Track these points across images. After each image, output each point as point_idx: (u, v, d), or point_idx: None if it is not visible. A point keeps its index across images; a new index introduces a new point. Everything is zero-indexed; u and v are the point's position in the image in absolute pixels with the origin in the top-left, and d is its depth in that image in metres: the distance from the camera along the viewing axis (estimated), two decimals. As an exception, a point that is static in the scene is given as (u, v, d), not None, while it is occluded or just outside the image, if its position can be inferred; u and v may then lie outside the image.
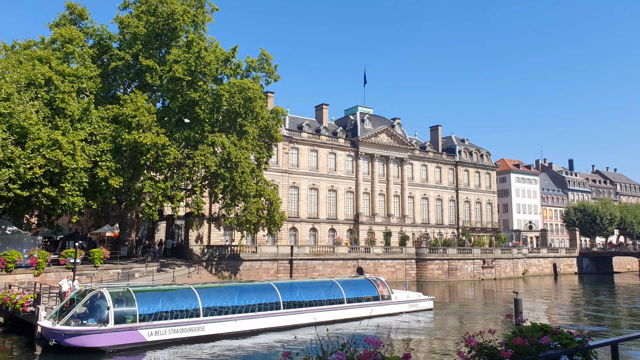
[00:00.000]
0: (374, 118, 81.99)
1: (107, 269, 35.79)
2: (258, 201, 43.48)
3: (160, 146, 36.71)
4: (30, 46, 39.28)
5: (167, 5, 39.65)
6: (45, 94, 33.58)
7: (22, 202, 31.66)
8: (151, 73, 39.29)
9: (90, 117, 35.62)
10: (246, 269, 50.21)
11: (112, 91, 42.70)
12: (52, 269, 33.12)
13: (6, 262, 30.31)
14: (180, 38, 41.44)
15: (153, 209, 37.72)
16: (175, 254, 48.61)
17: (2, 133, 28.71)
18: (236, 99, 40.92)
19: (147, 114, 36.35)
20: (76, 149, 32.17)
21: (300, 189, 69.80)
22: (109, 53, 41.62)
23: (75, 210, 34.50)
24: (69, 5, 41.08)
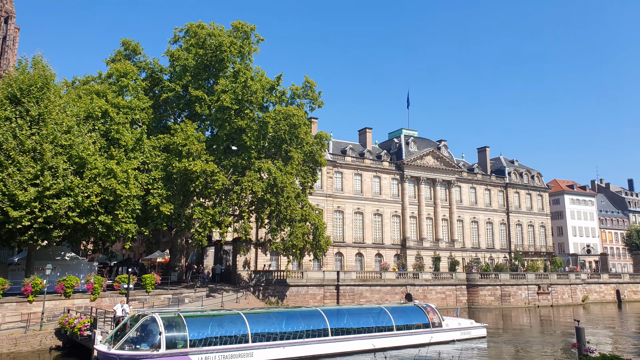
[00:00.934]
0: (419, 140, 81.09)
1: (158, 294, 36.53)
2: (303, 226, 43.54)
3: (209, 173, 37.67)
4: (89, 81, 41.70)
5: (215, 37, 41.26)
6: (101, 126, 35.38)
7: (79, 229, 33.04)
8: (200, 103, 40.70)
9: (143, 146, 37.12)
10: (293, 294, 49.98)
11: (164, 121, 44.47)
12: (107, 294, 34.14)
13: (65, 287, 31.53)
14: (227, 68, 42.87)
15: (202, 235, 38.47)
16: (224, 279, 49.16)
17: (63, 164, 30.30)
18: (281, 126, 41.67)
19: (196, 143, 37.52)
20: (129, 177, 33.47)
21: (345, 213, 69.45)
22: (160, 85, 43.58)
23: (128, 237, 35.68)
24: (124, 42, 43.51)
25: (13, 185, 28.00)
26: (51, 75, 33.37)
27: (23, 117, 30.59)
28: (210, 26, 42.67)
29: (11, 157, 29.02)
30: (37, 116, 30.87)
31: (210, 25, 42.77)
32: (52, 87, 33.02)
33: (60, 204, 29.32)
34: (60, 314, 30.30)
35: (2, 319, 28.84)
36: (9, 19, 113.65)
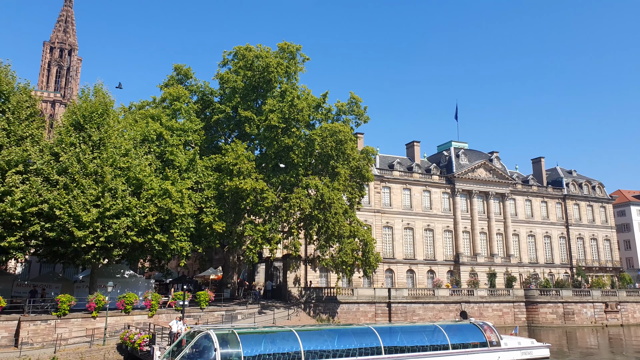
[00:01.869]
0: (470, 153, 79.15)
1: (212, 311, 37.24)
2: (352, 242, 43.32)
3: (259, 191, 38.40)
4: (144, 106, 43.79)
5: (263, 59, 42.43)
6: (157, 148, 36.97)
7: (137, 248, 34.41)
8: (249, 123, 41.77)
9: (196, 166, 38.42)
10: (343, 311, 49.56)
11: (215, 142, 45.90)
12: (163, 310, 35.16)
13: (125, 303, 32.79)
14: (275, 89, 43.89)
15: (253, 252, 39.07)
16: (275, 295, 49.52)
17: (122, 185, 31.82)
18: (328, 142, 41.98)
19: (246, 162, 38.44)
20: (184, 197, 34.63)
21: (394, 229, 68.50)
22: (211, 107, 45.16)
23: (183, 255, 36.79)
24: (176, 67, 45.54)
25: (77, 206, 29.63)
26: (110, 102, 35.34)
27: (86, 142, 32.48)
28: (258, 48, 43.95)
29: (76, 180, 30.78)
30: (98, 141, 32.68)
31: (258, 47, 44.07)
32: (111, 113, 34.93)
33: (119, 223, 30.71)
34: (121, 330, 31.48)
35: (69, 334, 30.32)
36: (72, 51, 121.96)
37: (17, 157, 29.46)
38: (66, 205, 29.61)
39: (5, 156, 29.01)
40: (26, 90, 33.62)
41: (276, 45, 45.18)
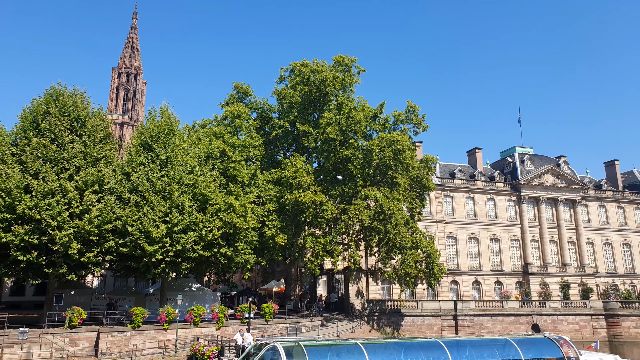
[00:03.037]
0: (535, 158, 75.53)
1: (276, 323, 37.63)
2: (415, 253, 42.41)
3: (318, 203, 38.63)
4: (207, 124, 45.50)
5: (319, 73, 42.96)
6: (220, 164, 38.23)
7: (204, 262, 35.56)
8: (307, 137, 42.28)
9: (257, 181, 39.32)
10: (408, 324, 48.41)
11: (274, 156, 46.76)
12: (230, 322, 35.96)
13: (194, 316, 33.85)
14: (331, 102, 44.23)
15: (315, 264, 39.21)
16: (337, 308, 49.29)
17: (189, 201, 33.11)
18: (386, 153, 41.61)
19: (305, 175, 38.84)
20: (247, 211, 35.50)
21: (458, 239, 66.38)
22: (270, 123, 46.21)
23: (247, 268, 37.58)
24: (236, 86, 47.06)
25: (147, 222, 31.11)
26: (176, 122, 37.04)
27: (154, 161, 34.16)
28: (314, 63, 44.56)
29: (145, 198, 32.39)
30: (166, 159, 34.27)
31: (313, 62, 44.68)
32: (176, 132, 36.61)
33: (187, 238, 31.89)
34: (191, 342, 32.48)
35: (143, 345, 31.69)
36: (138, 75, 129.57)
37: (93, 178, 31.44)
38: (137, 222, 31.16)
39: (83, 177, 31.04)
40: (99, 115, 35.94)
41: (331, 58, 45.66)
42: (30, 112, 32.90)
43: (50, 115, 32.20)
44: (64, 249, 29.23)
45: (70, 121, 32.95)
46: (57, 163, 31.06)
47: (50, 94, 33.40)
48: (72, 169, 31.28)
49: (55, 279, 32.66)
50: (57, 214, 29.00)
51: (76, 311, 30.85)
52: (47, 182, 29.49)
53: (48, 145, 30.98)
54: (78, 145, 32.19)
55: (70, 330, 30.51)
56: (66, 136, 31.97)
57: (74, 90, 34.30)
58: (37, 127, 32.20)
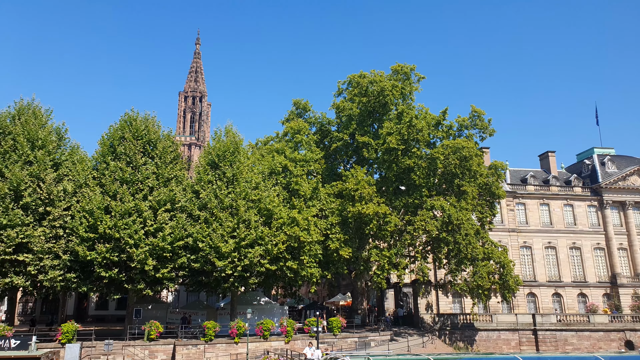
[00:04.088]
0: (618, 159, 69.97)
1: (344, 337, 37.28)
2: (487, 264, 40.57)
3: (381, 215, 38.13)
4: (269, 141, 46.62)
5: (377, 84, 42.76)
6: (282, 179, 38.94)
7: (271, 276, 36.13)
8: (367, 148, 42.05)
9: (319, 194, 39.55)
10: (482, 339, 46.16)
11: (335, 169, 46.91)
12: (298, 336, 36.10)
13: (263, 330, 34.37)
14: (391, 111, 43.81)
15: (381, 277, 38.59)
16: (406, 322, 48.09)
17: (254, 216, 33.92)
18: (451, 160, 40.42)
19: (367, 186, 38.55)
20: (310, 224, 35.75)
21: (533, 249, 62.65)
22: (329, 136, 46.53)
23: (313, 281, 37.68)
24: (295, 102, 47.95)
25: (217, 238, 32.20)
26: (240, 140, 38.30)
27: (221, 178, 35.46)
28: (371, 74, 44.45)
29: (214, 214, 33.60)
30: (232, 177, 35.45)
31: (371, 72, 44.57)
32: (241, 150, 37.83)
33: (254, 252, 32.62)
34: (261, 355, 32.94)
35: (216, 358, 32.60)
36: (202, 98, 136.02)
37: (165, 197, 33.11)
38: (207, 238, 32.35)
39: (156, 197, 32.78)
40: (169, 137, 37.92)
41: (389, 68, 45.33)
42: (107, 138, 35.41)
43: (125, 140, 34.45)
44: (141, 265, 30.87)
45: (143, 144, 35.02)
46: (133, 184, 33.03)
47: (124, 120, 35.77)
48: (146, 190, 33.13)
49: (134, 294, 34.52)
50: (133, 232, 30.76)
51: (154, 325, 32.36)
52: (124, 203, 31.41)
53: (124, 168, 33.08)
54: (151, 167, 34.07)
55: (149, 342, 32.02)
56: (140, 159, 33.98)
57: (145, 115, 36.53)
58: (114, 151, 34.54)
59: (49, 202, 32.04)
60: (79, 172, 33.62)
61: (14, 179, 30.70)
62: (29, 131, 33.16)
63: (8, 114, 34.34)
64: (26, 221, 30.63)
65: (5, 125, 33.36)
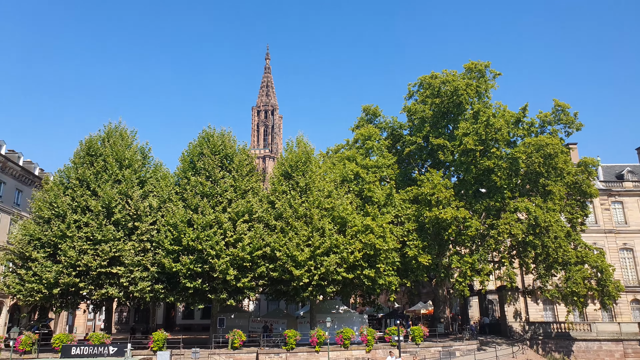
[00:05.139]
0: None
1: (427, 347, 36.01)
2: (582, 269, 37.45)
3: (460, 220, 36.55)
4: (339, 149, 46.52)
5: (450, 83, 41.26)
6: (355, 187, 38.60)
7: (348, 284, 35.83)
8: (442, 150, 40.61)
9: (394, 200, 38.71)
10: (581, 350, 42.59)
11: (409, 174, 45.75)
12: (379, 345, 35.37)
13: (343, 338, 34.07)
14: (466, 111, 42.04)
15: (463, 284, 36.94)
16: (493, 331, 45.61)
17: (329, 224, 33.87)
18: (534, 159, 37.99)
19: (444, 190, 37.16)
20: (385, 231, 35.05)
21: (635, 251, 56.91)
22: (401, 140, 45.52)
23: (391, 289, 36.84)
24: (365, 108, 47.49)
25: (293, 247, 32.51)
26: (311, 150, 38.56)
27: (294, 188, 35.87)
28: (443, 74, 42.98)
29: (289, 224, 33.99)
30: (305, 186, 35.74)
31: (443, 72, 43.11)
32: (312, 160, 38.05)
33: (329, 261, 32.53)
34: (342, 365, 32.60)
35: (297, 368, 32.71)
36: (274, 111, 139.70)
37: (243, 208, 34.02)
38: (284, 247, 32.77)
39: (234, 208, 33.77)
40: (244, 151, 39.02)
41: (462, 66, 43.62)
42: (187, 155, 37.16)
43: (204, 155, 35.95)
44: (223, 275, 31.85)
45: (221, 159, 36.33)
46: (212, 197, 34.30)
47: (202, 137, 37.37)
48: (225, 202, 34.26)
49: (217, 303, 35.70)
50: (215, 243, 31.85)
51: (237, 333, 33.20)
52: (205, 215, 32.66)
53: (204, 182, 34.47)
54: (228, 180, 35.22)
55: (233, 351, 32.86)
56: (218, 173, 35.25)
57: (222, 131, 37.91)
58: (194, 167, 36.13)
59: (137, 218, 34.08)
60: (162, 188, 35.51)
61: (106, 197, 33.05)
62: (117, 152, 35.61)
63: (99, 137, 37.11)
64: (118, 236, 32.80)
65: (97, 148, 36.07)
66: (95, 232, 32.22)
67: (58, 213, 33.10)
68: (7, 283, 33.22)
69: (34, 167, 50.13)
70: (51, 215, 33.12)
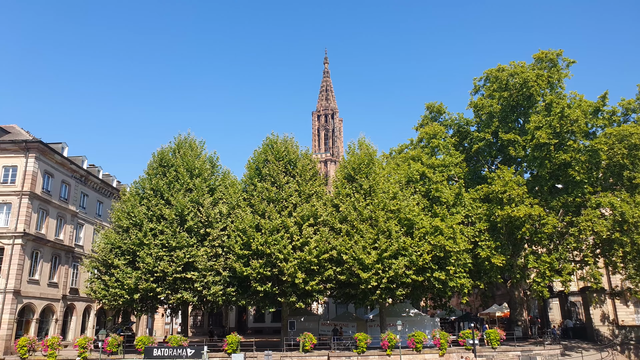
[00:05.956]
0: None
1: (505, 351, 34.39)
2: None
3: (535, 217, 34.66)
4: (403, 149, 45.63)
5: (518, 75, 39.29)
6: (421, 187, 37.67)
7: (418, 287, 35.01)
8: (513, 145, 38.74)
9: (463, 200, 37.38)
10: (680, 357, 38.86)
11: (478, 172, 44.02)
12: (453, 349, 34.28)
13: (415, 342, 33.35)
14: (537, 103, 39.82)
15: (541, 286, 34.94)
16: (577, 335, 42.81)
17: (395, 226, 33.29)
18: (617, 150, 35.28)
19: (516, 187, 35.41)
20: (455, 232, 33.92)
21: None
22: (468, 137, 43.87)
23: (464, 292, 35.58)
24: (428, 106, 46.28)
25: (359, 250, 32.26)
26: (374, 152, 38.15)
27: (358, 191, 35.63)
28: (511, 66, 40.99)
29: (354, 227, 33.79)
30: (369, 188, 35.40)
31: (510, 64, 41.10)
32: (375, 161, 37.63)
33: (397, 263, 31.96)
34: (417, 369, 31.85)
35: (368, 371, 32.39)
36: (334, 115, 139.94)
37: (308, 213, 34.27)
38: (350, 250, 32.61)
39: (300, 213, 34.11)
40: (307, 155, 39.34)
41: (531, 56, 41.42)
42: (253, 162, 38.10)
43: (268, 162, 36.73)
44: (291, 278, 32.23)
45: (285, 165, 36.89)
46: (278, 203, 34.87)
47: (266, 144, 38.18)
48: (290, 207, 34.70)
49: (287, 306, 36.16)
50: (282, 247, 32.32)
51: (307, 336, 33.43)
52: (272, 220, 33.25)
53: (270, 188, 35.14)
54: (293, 185, 35.66)
55: (304, 354, 33.11)
56: (282, 178, 35.81)
57: (284, 137, 38.50)
58: (260, 173, 36.97)
59: (208, 224, 35.34)
60: (231, 195, 36.58)
61: (179, 205, 34.57)
62: (187, 162, 37.20)
63: (170, 148, 38.97)
64: (191, 242, 34.18)
65: (168, 159, 37.88)
66: (170, 239, 33.78)
67: (135, 222, 35.07)
68: (93, 288, 35.64)
69: (111, 179, 53.50)
70: (129, 224, 35.15)
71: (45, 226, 39.86)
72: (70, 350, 35.13)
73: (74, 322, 43.84)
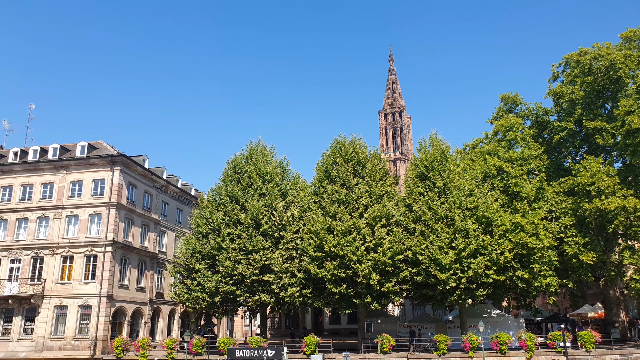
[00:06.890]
0: None
1: (601, 354, 31.89)
2: None
3: (630, 210, 31.93)
4: (477, 144, 43.84)
5: (604, 58, 36.54)
6: (499, 182, 35.97)
7: (499, 286, 33.43)
8: (600, 134, 36.03)
9: (545, 194, 35.29)
10: None
11: (561, 163, 41.37)
12: (541, 352, 32.38)
13: (499, 344, 31.86)
14: (626, 86, 36.74)
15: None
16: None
17: (473, 225, 31.99)
18: None
19: (606, 178, 32.88)
20: (538, 228, 32.07)
21: None
22: (548, 128, 41.38)
23: (550, 291, 33.56)
24: (502, 97, 44.15)
25: (435, 250, 31.34)
26: (446, 148, 36.95)
27: (432, 189, 34.65)
28: (594, 48, 38.13)
29: (429, 226, 32.89)
30: (443, 186, 34.31)
31: (593, 47, 38.25)
32: (449, 158, 36.41)
33: (477, 263, 30.69)
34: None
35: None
36: (402, 113, 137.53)
37: (379, 213, 33.83)
38: (426, 251, 31.78)
39: (371, 214, 33.75)
40: (375, 155, 38.92)
41: (617, 36, 38.26)
42: (322, 165, 38.30)
43: (337, 164, 36.73)
44: (366, 280, 31.95)
45: (353, 166, 36.73)
46: (349, 204, 34.76)
47: (334, 146, 38.25)
48: (361, 208, 34.45)
49: (362, 308, 35.91)
50: (355, 249, 32.14)
51: (385, 338, 33.03)
52: (344, 222, 33.18)
53: (339, 190, 35.13)
54: (363, 186, 35.38)
55: (382, 355, 32.72)
56: (352, 180, 35.65)
57: (352, 139, 38.35)
58: (329, 175, 37.07)
59: (282, 227, 35.99)
60: (302, 199, 37.01)
61: (253, 210, 35.51)
62: (259, 168, 38.18)
63: (242, 155, 40.21)
64: (266, 245, 34.99)
65: (242, 166, 39.07)
66: (246, 243, 34.78)
67: (214, 227, 36.49)
68: (177, 292, 37.48)
69: (189, 188, 56.12)
70: (208, 229, 36.63)
71: (131, 234, 42.54)
72: (159, 351, 37.19)
73: (161, 324, 46.38)
